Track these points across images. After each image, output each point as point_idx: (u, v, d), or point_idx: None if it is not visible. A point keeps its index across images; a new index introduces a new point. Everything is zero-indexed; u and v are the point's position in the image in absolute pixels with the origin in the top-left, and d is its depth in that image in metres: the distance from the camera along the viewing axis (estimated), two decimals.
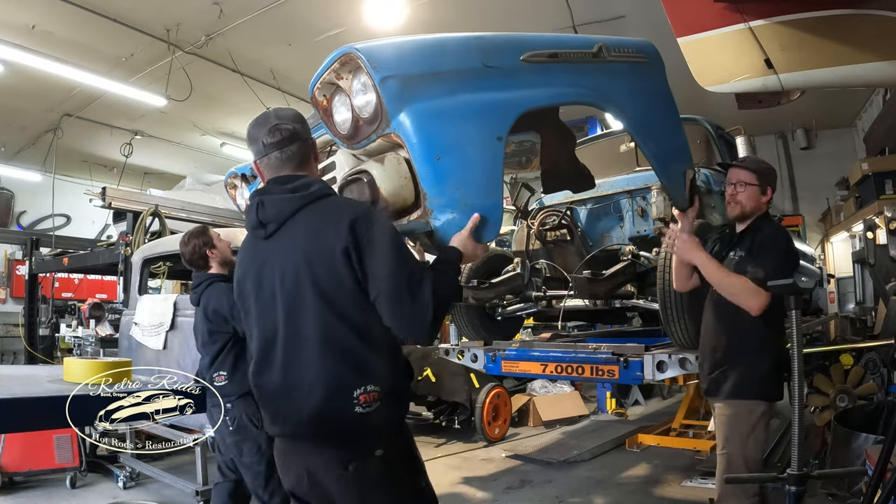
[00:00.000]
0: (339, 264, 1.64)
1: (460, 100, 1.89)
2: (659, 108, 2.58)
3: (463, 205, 1.85)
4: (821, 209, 11.21)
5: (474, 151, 1.89)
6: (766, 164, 2.78)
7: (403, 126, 1.81)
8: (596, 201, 4.55)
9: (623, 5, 6.98)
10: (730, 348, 2.66)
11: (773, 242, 2.66)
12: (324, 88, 2.02)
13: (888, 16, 2.43)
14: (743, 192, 2.70)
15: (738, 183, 2.71)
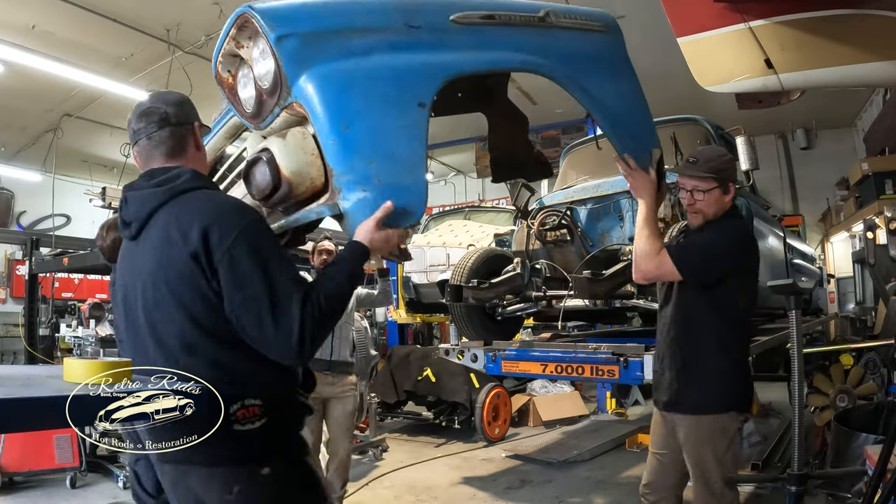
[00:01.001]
0: (193, 272, 1.44)
1: (375, 62, 1.67)
2: (616, 80, 2.38)
3: (376, 181, 1.61)
4: (821, 209, 11.22)
5: (390, 119, 1.65)
6: (720, 159, 2.50)
7: (305, 92, 1.60)
8: (596, 201, 4.55)
9: (623, 5, 6.98)
10: (691, 354, 2.41)
11: (713, 237, 2.44)
12: (227, 63, 1.80)
13: (888, 16, 2.43)
14: (702, 201, 2.45)
15: (693, 190, 2.46)
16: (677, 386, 2.41)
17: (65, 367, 1.48)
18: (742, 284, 2.43)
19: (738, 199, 4.56)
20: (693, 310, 2.42)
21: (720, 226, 2.46)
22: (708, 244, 2.43)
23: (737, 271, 2.40)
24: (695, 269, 2.36)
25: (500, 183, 2.95)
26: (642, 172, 2.38)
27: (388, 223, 1.60)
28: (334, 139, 1.59)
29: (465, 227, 8.21)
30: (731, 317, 2.39)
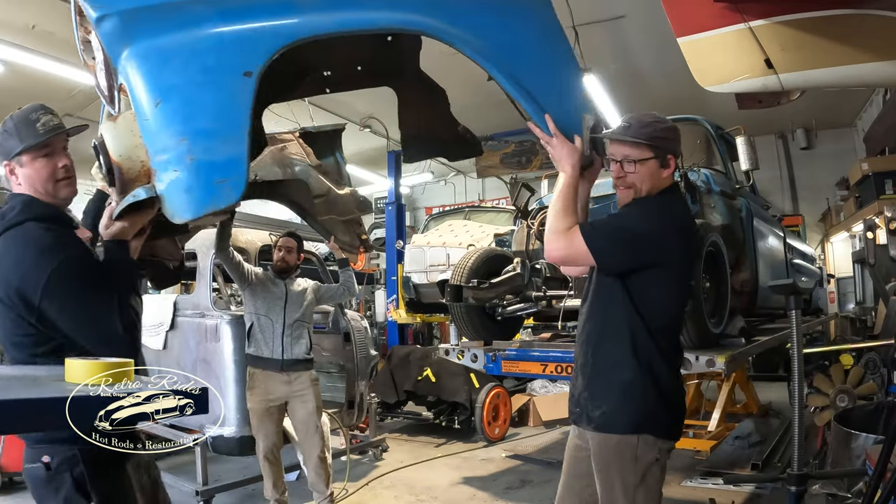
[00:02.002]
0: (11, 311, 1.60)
1: (200, 33, 1.55)
2: (534, 38, 2.01)
3: (188, 159, 1.48)
4: (821, 209, 11.22)
5: (208, 92, 1.53)
6: (658, 125, 2.04)
7: (125, 71, 1.51)
8: (596, 201, 4.53)
9: (623, 5, 6.97)
10: (603, 360, 2.01)
11: (637, 215, 2.03)
12: (86, 49, 1.75)
13: (888, 16, 2.44)
14: (634, 173, 2.01)
15: (624, 160, 2.01)
16: (587, 395, 2.01)
17: (66, 368, 1.48)
18: (669, 279, 1.97)
19: (740, 199, 4.59)
20: (609, 306, 2.01)
21: (649, 203, 2.02)
22: (627, 224, 2.01)
23: (662, 261, 1.95)
24: (608, 253, 1.94)
25: (413, 163, 2.71)
26: (562, 139, 1.97)
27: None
28: (145, 117, 1.50)
29: (465, 227, 8.21)
30: (654, 319, 1.95)
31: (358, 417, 5.34)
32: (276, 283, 4.06)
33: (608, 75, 8.30)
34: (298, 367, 3.98)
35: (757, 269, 4.53)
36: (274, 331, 3.94)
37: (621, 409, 1.92)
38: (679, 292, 2.05)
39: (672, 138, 2.05)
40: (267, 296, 4.00)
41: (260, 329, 3.96)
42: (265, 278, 4.07)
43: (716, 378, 5.78)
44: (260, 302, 3.99)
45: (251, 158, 1.56)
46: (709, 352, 3.52)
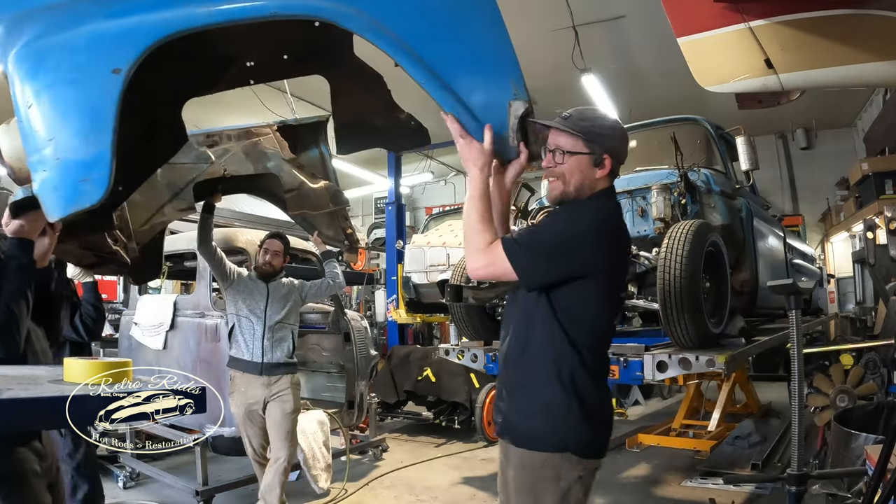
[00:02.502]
0: None
1: (77, 31, 1.54)
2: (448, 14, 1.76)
3: (55, 159, 1.50)
4: (821, 209, 11.22)
5: (75, 91, 1.53)
6: (600, 122, 1.92)
7: (9, 76, 1.54)
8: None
9: (623, 5, 6.98)
10: (526, 371, 1.85)
11: (563, 221, 1.88)
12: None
13: (888, 16, 2.44)
14: (563, 164, 1.85)
15: (556, 150, 1.87)
16: (510, 410, 1.87)
17: (65, 367, 1.48)
18: (597, 291, 1.81)
19: (740, 199, 4.59)
20: (533, 319, 1.84)
21: (576, 208, 1.86)
22: (551, 235, 1.83)
23: (589, 273, 1.78)
24: (532, 269, 1.77)
25: (347, 154, 2.36)
26: (469, 139, 1.77)
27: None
28: (21, 119, 1.53)
29: None
30: (579, 333, 1.79)
31: (358, 417, 5.34)
32: (258, 284, 3.98)
33: (608, 75, 8.31)
34: (278, 370, 3.88)
35: (757, 269, 4.53)
36: (254, 333, 3.86)
37: (544, 427, 1.79)
38: (608, 305, 1.90)
39: (612, 137, 1.89)
40: (248, 296, 3.92)
41: (240, 330, 3.89)
42: (248, 278, 4.00)
43: (716, 378, 5.78)
44: (241, 302, 3.91)
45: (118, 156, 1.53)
46: (709, 352, 3.52)
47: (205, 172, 2.71)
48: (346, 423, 5.24)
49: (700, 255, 3.56)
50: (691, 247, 3.51)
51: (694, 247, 3.52)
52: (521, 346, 1.86)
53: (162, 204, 2.64)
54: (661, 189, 4.07)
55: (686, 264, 3.45)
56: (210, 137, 2.74)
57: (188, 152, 2.64)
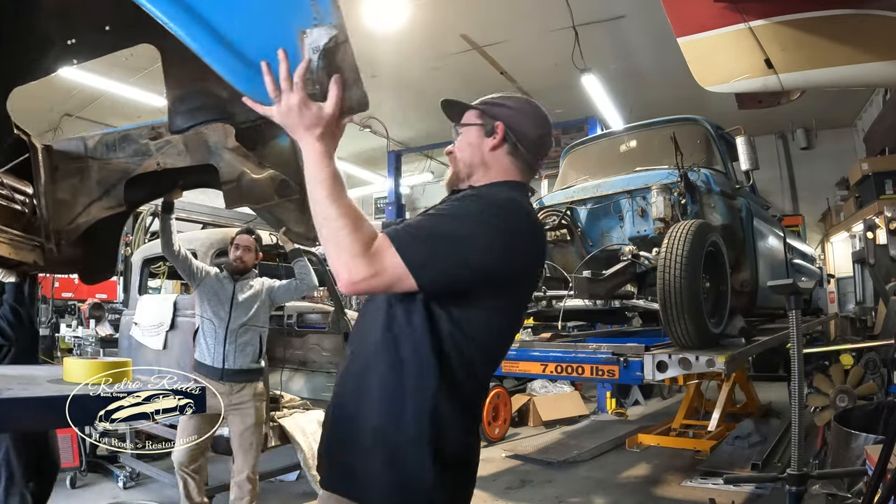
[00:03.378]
0: None
1: None
2: None
3: None
4: (821, 209, 11.22)
5: None
6: (507, 98, 1.59)
7: None
8: (596, 201, 4.55)
9: (623, 5, 6.98)
10: (366, 402, 1.36)
11: (460, 210, 1.39)
12: None
13: (888, 16, 2.44)
14: (455, 142, 1.57)
15: (454, 128, 1.60)
16: (339, 451, 1.42)
17: (65, 367, 1.48)
18: (491, 303, 1.38)
19: (740, 199, 4.59)
20: (396, 335, 1.36)
21: (482, 198, 1.44)
22: (451, 227, 1.34)
23: (490, 280, 1.35)
24: (433, 267, 1.28)
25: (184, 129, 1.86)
26: (290, 95, 1.22)
27: None
28: None
29: None
30: (459, 354, 1.33)
31: None
32: (225, 285, 3.82)
33: (608, 75, 8.31)
34: (240, 377, 3.68)
35: (757, 269, 4.54)
36: (216, 336, 3.70)
37: (377, 478, 1.32)
38: (497, 320, 1.41)
39: (513, 109, 1.55)
40: (213, 297, 3.75)
41: (203, 333, 3.76)
42: (216, 278, 3.85)
43: (716, 378, 5.78)
44: (206, 303, 3.75)
45: None
46: (709, 352, 3.52)
47: (141, 167, 2.50)
48: None
49: (700, 255, 3.56)
50: (691, 247, 3.51)
51: (694, 247, 3.52)
52: (367, 367, 1.38)
53: (90, 202, 2.44)
54: (661, 189, 4.07)
55: (686, 264, 3.45)
56: (154, 129, 2.51)
57: (126, 146, 2.45)
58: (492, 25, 7.53)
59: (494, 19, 7.39)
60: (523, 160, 1.58)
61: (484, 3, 7.11)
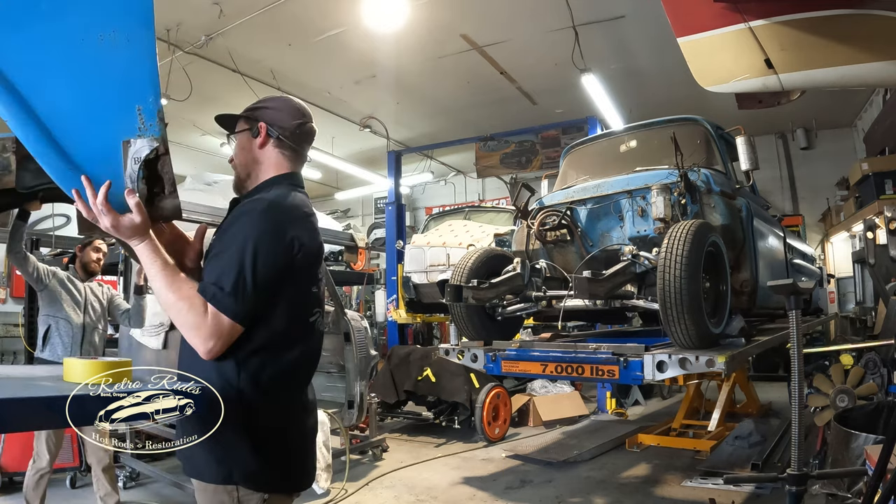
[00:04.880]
0: None
1: None
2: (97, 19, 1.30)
3: None
4: (821, 209, 11.22)
5: None
6: (269, 100, 1.80)
7: None
8: (596, 201, 4.55)
9: (623, 5, 6.98)
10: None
11: (240, 230, 1.55)
12: None
13: (888, 16, 2.44)
14: (234, 148, 1.77)
15: (229, 137, 1.80)
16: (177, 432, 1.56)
17: (65, 367, 1.48)
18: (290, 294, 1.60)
19: (740, 199, 4.59)
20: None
21: (252, 204, 1.61)
22: (236, 254, 1.51)
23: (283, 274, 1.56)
24: (247, 309, 1.49)
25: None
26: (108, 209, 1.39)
27: None
28: None
29: (465, 227, 8.22)
30: (253, 339, 1.54)
31: (358, 417, 5.33)
32: (77, 286, 3.89)
33: (608, 75, 8.31)
34: None
35: (757, 269, 4.53)
36: (73, 336, 3.80)
37: (209, 455, 1.55)
38: (299, 302, 1.63)
39: (273, 108, 1.74)
40: (68, 298, 3.82)
41: (59, 333, 3.80)
42: (66, 279, 3.92)
43: (716, 378, 5.79)
44: (61, 304, 3.81)
45: None
46: (709, 352, 3.52)
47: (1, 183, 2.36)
48: (346, 423, 5.23)
49: (700, 255, 3.56)
50: (691, 247, 3.51)
51: (694, 247, 3.52)
52: (188, 355, 1.56)
53: None
54: (661, 189, 4.07)
55: (686, 264, 3.45)
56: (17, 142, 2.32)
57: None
58: (492, 25, 7.53)
59: (494, 19, 7.39)
60: (290, 149, 1.75)
61: (484, 4, 7.11)
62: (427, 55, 8.23)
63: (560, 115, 9.89)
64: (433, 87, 9.46)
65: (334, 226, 10.93)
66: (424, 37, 7.64)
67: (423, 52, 8.10)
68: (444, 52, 8.16)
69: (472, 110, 10.28)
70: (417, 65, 8.50)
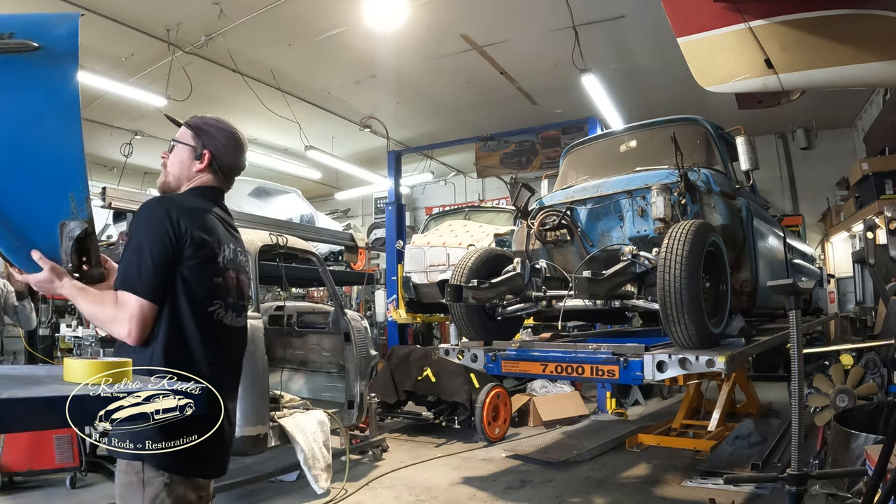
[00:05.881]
0: None
1: None
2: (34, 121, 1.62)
3: None
4: (821, 209, 11.22)
5: None
6: (213, 122, 2.00)
7: None
8: (596, 201, 4.55)
9: (623, 5, 6.98)
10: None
11: (135, 233, 1.78)
12: None
13: (888, 16, 2.44)
14: (170, 155, 1.98)
15: (171, 141, 1.99)
16: None
17: (65, 367, 1.48)
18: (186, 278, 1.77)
19: (740, 199, 4.59)
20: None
21: (147, 200, 1.91)
22: (133, 242, 1.75)
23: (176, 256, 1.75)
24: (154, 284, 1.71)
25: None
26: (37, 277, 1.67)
27: None
28: None
29: (465, 227, 8.22)
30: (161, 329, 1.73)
31: (358, 417, 5.34)
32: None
33: (608, 75, 8.31)
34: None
35: (757, 269, 4.53)
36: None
37: (124, 433, 1.60)
38: (196, 289, 1.78)
39: (219, 138, 1.97)
40: None
41: None
42: None
43: (716, 378, 5.78)
44: None
45: None
46: (709, 352, 3.52)
47: None
48: (346, 423, 5.24)
49: (700, 255, 3.56)
50: (691, 247, 3.51)
51: (694, 247, 3.52)
52: (119, 347, 1.80)
53: None
54: (661, 189, 4.07)
55: (686, 264, 3.45)
56: None
57: None
58: (492, 25, 7.53)
59: (494, 19, 7.39)
60: (223, 177, 2.01)
61: (484, 3, 7.11)
62: (427, 55, 8.23)
63: (560, 115, 9.89)
64: (433, 87, 9.46)
65: (334, 226, 10.94)
66: (424, 37, 7.64)
67: (422, 51, 8.10)
68: (443, 52, 8.16)
69: (472, 110, 10.28)
70: (417, 65, 8.50)
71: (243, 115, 10.25)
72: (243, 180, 9.81)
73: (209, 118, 2.01)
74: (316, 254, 5.38)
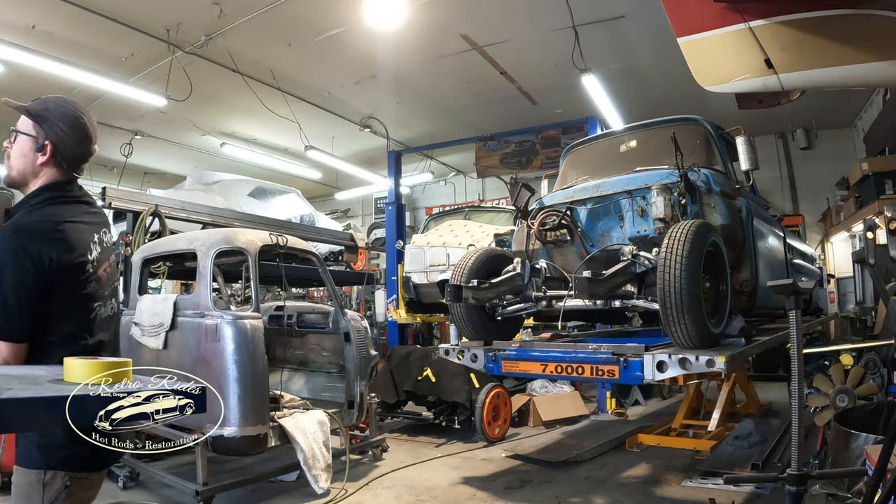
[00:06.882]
0: None
1: None
2: None
3: None
4: (821, 209, 11.22)
5: None
6: (61, 109, 1.84)
7: None
8: (596, 201, 4.55)
9: (623, 5, 6.98)
10: None
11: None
12: None
13: (888, 16, 2.44)
14: (13, 145, 1.84)
15: (12, 130, 1.84)
16: None
17: (65, 367, 1.48)
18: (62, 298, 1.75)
19: (740, 199, 4.59)
20: None
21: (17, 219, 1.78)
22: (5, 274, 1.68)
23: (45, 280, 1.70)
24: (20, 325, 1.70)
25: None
26: None
27: None
28: None
29: (465, 227, 8.22)
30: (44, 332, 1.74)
31: (358, 417, 5.34)
32: None
33: (608, 75, 8.31)
34: None
35: (757, 269, 4.53)
36: None
37: (24, 441, 1.74)
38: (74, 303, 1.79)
39: (62, 126, 1.81)
40: None
41: None
42: None
43: (716, 378, 5.78)
44: None
45: None
46: (709, 352, 3.51)
47: None
48: (346, 423, 5.24)
49: (700, 255, 3.56)
50: (691, 247, 3.51)
51: (694, 247, 3.52)
52: None
53: None
54: (661, 189, 4.07)
55: (686, 264, 3.45)
56: None
57: None
58: (492, 25, 7.53)
59: (494, 19, 7.39)
60: (67, 168, 1.86)
61: (484, 3, 7.11)
62: (427, 55, 8.23)
63: (560, 115, 9.89)
64: (433, 86, 9.46)
65: (334, 226, 10.94)
66: (424, 37, 7.64)
67: (422, 51, 8.10)
68: (443, 52, 8.16)
69: (472, 110, 10.28)
70: (417, 65, 8.50)
71: (243, 115, 10.26)
72: (243, 180, 9.81)
73: (51, 100, 1.85)
74: (316, 254, 5.38)
